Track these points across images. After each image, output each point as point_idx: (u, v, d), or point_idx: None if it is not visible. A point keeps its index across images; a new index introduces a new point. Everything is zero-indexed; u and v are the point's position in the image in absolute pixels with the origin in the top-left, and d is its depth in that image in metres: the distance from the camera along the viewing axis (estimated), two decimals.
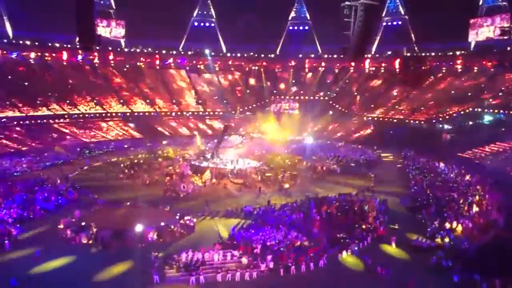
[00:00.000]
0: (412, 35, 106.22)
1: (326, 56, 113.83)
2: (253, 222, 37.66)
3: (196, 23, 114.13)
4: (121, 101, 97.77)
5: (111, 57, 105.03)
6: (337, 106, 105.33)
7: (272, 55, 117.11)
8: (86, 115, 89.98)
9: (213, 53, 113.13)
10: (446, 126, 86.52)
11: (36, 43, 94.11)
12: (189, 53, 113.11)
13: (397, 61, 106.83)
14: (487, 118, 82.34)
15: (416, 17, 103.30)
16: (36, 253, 29.40)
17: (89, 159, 67.38)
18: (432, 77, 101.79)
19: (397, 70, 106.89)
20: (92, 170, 61.08)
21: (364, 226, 36.55)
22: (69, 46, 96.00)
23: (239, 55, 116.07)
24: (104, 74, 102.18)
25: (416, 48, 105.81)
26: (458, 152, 69.49)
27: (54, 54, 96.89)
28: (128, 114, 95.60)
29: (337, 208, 41.11)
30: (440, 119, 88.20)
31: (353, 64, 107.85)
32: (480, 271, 26.62)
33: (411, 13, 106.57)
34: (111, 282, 26.57)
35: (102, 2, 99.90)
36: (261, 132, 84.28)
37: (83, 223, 34.16)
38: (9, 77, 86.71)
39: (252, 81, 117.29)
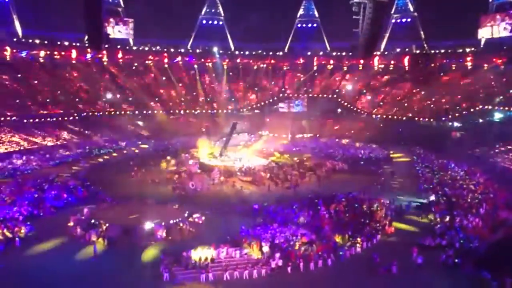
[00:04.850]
0: (422, 33, 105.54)
1: (334, 53, 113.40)
2: (262, 219, 37.64)
3: (204, 21, 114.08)
4: (130, 99, 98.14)
5: (119, 55, 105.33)
6: (345, 104, 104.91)
7: (280, 53, 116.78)
8: (95, 114, 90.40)
9: (221, 51, 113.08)
10: (455, 124, 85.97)
11: (45, 42, 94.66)
12: (197, 51, 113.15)
13: (406, 59, 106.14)
14: (498, 116, 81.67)
15: (426, 14, 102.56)
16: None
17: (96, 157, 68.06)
18: (441, 74, 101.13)
19: (406, 67, 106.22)
20: (102, 168, 61.36)
21: (373, 224, 36.46)
22: (77, 44, 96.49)
23: (247, 53, 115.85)
24: (111, 72, 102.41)
25: (425, 45, 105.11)
26: (468, 150, 69.08)
27: (63, 53, 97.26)
28: (137, 112, 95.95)
29: (345, 206, 41.04)
30: (450, 116, 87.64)
31: (362, 61, 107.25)
32: (490, 269, 26.47)
33: (420, 10, 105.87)
34: (121, 280, 26.71)
35: (110, 0, 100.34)
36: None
37: (92, 221, 34.39)
38: (19, 75, 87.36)
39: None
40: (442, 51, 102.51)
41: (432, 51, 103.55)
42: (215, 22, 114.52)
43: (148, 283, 26.67)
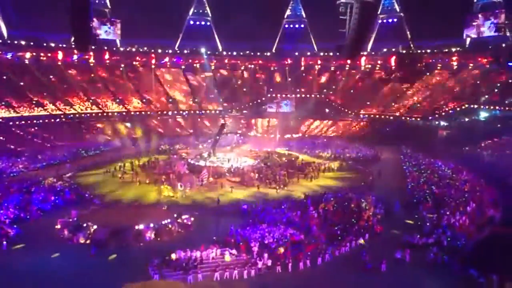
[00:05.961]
0: (408, 33, 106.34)
1: (322, 54, 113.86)
2: (251, 220, 37.63)
3: (191, 22, 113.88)
4: (117, 100, 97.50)
5: (106, 56, 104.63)
6: (333, 103, 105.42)
7: (268, 53, 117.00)
8: (82, 115, 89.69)
9: (208, 52, 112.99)
10: (442, 123, 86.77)
11: (31, 43, 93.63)
12: (185, 52, 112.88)
13: (393, 59, 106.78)
14: (483, 115, 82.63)
15: (412, 15, 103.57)
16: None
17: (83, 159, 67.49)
18: (428, 74, 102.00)
19: (393, 67, 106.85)
20: (89, 170, 60.75)
21: (361, 223, 36.60)
22: (64, 46, 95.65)
23: (234, 53, 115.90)
24: (99, 73, 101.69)
25: (411, 45, 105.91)
26: (454, 148, 69.72)
27: (49, 54, 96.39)
28: (124, 113, 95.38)
29: (334, 205, 41.17)
30: (436, 115, 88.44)
31: (349, 61, 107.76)
32: (477, 267, 26.75)
33: (407, 10, 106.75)
34: (110, 281, 26.50)
35: (97, 1, 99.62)
36: None
37: (80, 223, 34.10)
38: (4, 77, 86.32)
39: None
40: (428, 50, 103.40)
41: (418, 51, 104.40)
42: (203, 23, 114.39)
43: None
